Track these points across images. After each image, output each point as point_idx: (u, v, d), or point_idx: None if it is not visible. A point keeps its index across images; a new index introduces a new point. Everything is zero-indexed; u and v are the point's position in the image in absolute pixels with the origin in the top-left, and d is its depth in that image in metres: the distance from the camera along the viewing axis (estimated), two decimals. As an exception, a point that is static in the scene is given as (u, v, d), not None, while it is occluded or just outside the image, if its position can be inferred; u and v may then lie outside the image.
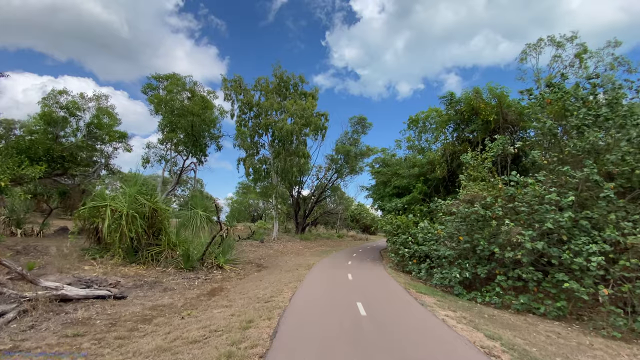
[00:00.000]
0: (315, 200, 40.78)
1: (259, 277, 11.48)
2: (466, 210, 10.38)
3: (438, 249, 11.66)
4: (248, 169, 27.03)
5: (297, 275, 10.92)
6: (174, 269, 12.33)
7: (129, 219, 11.62)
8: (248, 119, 28.47)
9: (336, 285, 9.43)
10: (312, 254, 20.73)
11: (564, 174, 10.37)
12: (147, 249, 12.89)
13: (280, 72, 29.24)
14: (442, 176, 17.48)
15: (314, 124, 28.13)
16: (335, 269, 13.13)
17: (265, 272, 13.06)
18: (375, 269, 13.79)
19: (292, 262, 16.19)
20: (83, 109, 20.02)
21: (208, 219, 12.01)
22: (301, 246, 27.13)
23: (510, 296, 9.47)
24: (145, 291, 9.34)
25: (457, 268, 10.60)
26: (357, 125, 38.35)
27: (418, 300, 8.26)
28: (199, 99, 19.43)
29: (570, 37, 22.41)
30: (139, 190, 12.44)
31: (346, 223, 56.83)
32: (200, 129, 20.42)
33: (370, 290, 9.06)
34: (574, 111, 11.56)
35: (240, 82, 28.25)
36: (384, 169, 21.24)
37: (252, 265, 15.21)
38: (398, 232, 15.20)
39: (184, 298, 8.70)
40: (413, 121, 22.59)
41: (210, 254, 13.86)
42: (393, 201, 18.18)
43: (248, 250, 21.18)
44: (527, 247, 8.91)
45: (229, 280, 11.38)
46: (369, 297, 7.96)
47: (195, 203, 12.01)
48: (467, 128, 16.23)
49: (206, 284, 10.71)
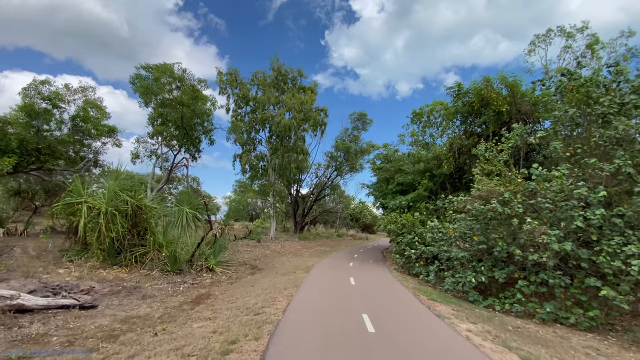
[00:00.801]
0: (314, 198, 39.69)
1: (252, 281, 10.40)
2: (482, 208, 9.31)
3: (449, 250, 10.59)
4: (244, 166, 25.92)
5: (294, 279, 9.85)
6: (160, 272, 11.26)
7: (108, 217, 10.52)
8: (244, 114, 27.36)
9: (337, 291, 8.36)
10: (311, 255, 19.66)
11: (590, 167, 9.34)
12: (130, 250, 11.83)
13: (278, 66, 28.10)
14: (449, 172, 16.41)
15: (313, 118, 27.01)
16: (336, 271, 12.06)
17: (260, 275, 11.98)
18: (379, 271, 12.73)
19: (290, 263, 15.12)
20: (68, 100, 18.86)
21: (196, 218, 10.91)
22: (300, 246, 26.06)
23: (533, 303, 8.42)
24: (122, 298, 8.26)
25: (471, 271, 9.55)
26: (358, 121, 37.21)
27: (432, 310, 7.20)
28: (188, 88, 18.27)
29: (581, 28, 21.41)
30: (120, 185, 11.33)
31: (346, 222, 55.78)
32: (191, 121, 19.18)
33: (376, 297, 7.99)
34: (599, 98, 10.53)
35: (236, 75, 27.10)
36: (386, 164, 20.17)
37: (246, 267, 14.14)
38: (403, 231, 14.14)
39: (164, 307, 7.62)
40: (417, 115, 21.53)
41: (200, 256, 12.78)
42: (397, 199, 17.11)
43: (243, 251, 20.11)
44: (553, 249, 7.86)
45: (218, 284, 10.30)
46: (376, 307, 6.90)
47: (182, 200, 10.90)
48: (477, 120, 15.15)
49: (192, 289, 9.62)
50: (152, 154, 20.96)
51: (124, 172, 13.08)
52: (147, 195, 18.78)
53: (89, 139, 21.60)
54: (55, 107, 18.04)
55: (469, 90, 16.40)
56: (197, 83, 18.63)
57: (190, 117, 18.73)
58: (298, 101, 24.69)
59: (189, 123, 19.03)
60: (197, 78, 19.20)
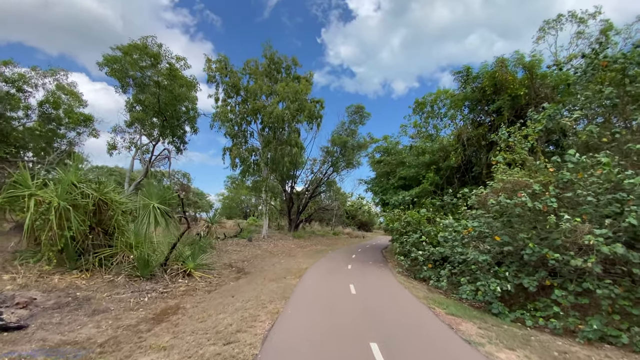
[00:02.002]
0: (310, 195, 38.05)
1: (234, 289, 8.78)
2: (507, 202, 7.78)
3: (464, 252, 9.07)
4: (234, 160, 24.19)
5: (283, 287, 8.24)
6: (127, 277, 9.61)
7: (62, 213, 8.81)
8: (235, 104, 25.60)
9: (336, 305, 6.77)
10: (305, 255, 18.08)
11: (636, 154, 7.88)
12: (94, 252, 10.16)
13: (271, 53, 26.38)
14: (457, 164, 14.90)
15: (308, 109, 25.35)
16: (333, 276, 10.49)
17: (245, 280, 10.36)
18: (382, 275, 11.18)
19: (281, 265, 13.52)
20: (35, 84, 16.97)
21: (166, 214, 9.22)
22: (293, 245, 24.47)
23: (574, 318, 6.93)
24: (65, 314, 6.59)
25: (493, 278, 8.04)
26: (355, 114, 35.51)
27: (456, 330, 5.66)
28: (165, 67, 16.31)
29: (593, 13, 20.06)
30: (78, 177, 9.62)
31: (342, 220, 54.27)
32: (170, 107, 17.28)
33: (384, 314, 6.42)
34: (637, 77, 9.08)
35: (226, 62, 25.31)
36: (387, 157, 18.60)
37: (230, 271, 12.50)
38: (407, 230, 12.61)
39: (114, 327, 5.97)
40: (419, 104, 19.98)
41: (176, 258, 11.13)
42: (399, 194, 15.57)
43: (232, 251, 18.47)
44: (603, 252, 6.36)
45: (193, 293, 8.66)
46: (386, 330, 5.33)
47: (149, 193, 9.21)
48: (489, 107, 13.62)
49: (160, 300, 7.98)
50: (132, 144, 19.16)
51: (105, 168, 11.35)
52: (124, 189, 17.04)
53: (63, 129, 19.75)
54: (20, 91, 16.15)
55: (478, 75, 14.88)
56: (176, 61, 16.71)
57: (169, 101, 16.85)
58: (292, 90, 23.00)
59: (169, 109, 17.15)
60: (176, 55, 17.55)
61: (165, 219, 9.01)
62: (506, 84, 12.95)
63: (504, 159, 9.48)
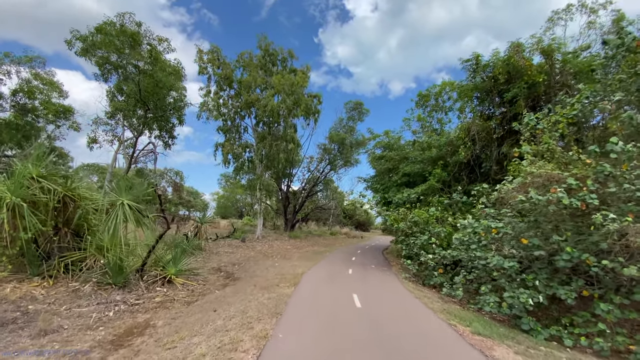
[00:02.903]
0: (306, 194, 36.84)
1: (218, 301, 7.54)
2: (539, 199, 6.62)
3: (484, 257, 7.91)
4: (226, 156, 22.88)
5: (276, 299, 7.03)
6: (96, 285, 8.36)
7: (16, 210, 7.53)
8: (227, 98, 24.28)
9: (338, 324, 5.57)
10: (302, 257, 16.86)
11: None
12: (62, 256, 8.90)
13: (266, 44, 25.11)
14: (467, 159, 13.77)
15: (305, 103, 24.10)
16: (333, 283, 9.28)
17: (232, 289, 9.12)
18: (388, 282, 10.01)
19: (275, 270, 12.30)
20: (8, 71, 15.58)
21: (138, 212, 7.94)
22: (289, 245, 23.23)
23: (623, 337, 5.79)
24: (4, 336, 5.32)
25: (522, 288, 6.89)
26: (353, 111, 34.35)
27: (489, 356, 4.49)
28: (145, 50, 14.86)
29: (604, 3, 19.11)
30: (39, 170, 8.32)
31: (339, 219, 53.11)
32: (154, 95, 15.82)
33: (399, 336, 5.22)
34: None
35: (218, 53, 23.96)
36: (390, 153, 17.42)
37: (218, 276, 11.25)
38: (414, 231, 11.45)
39: (57, 356, 4.72)
40: (423, 97, 18.83)
41: (155, 263, 9.87)
42: (404, 192, 14.39)
43: (223, 253, 17.21)
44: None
45: (169, 305, 7.42)
46: (401, 357, 4.14)
47: (119, 188, 7.92)
48: (505, 95, 12.46)
49: (127, 314, 6.73)
50: (115, 138, 17.77)
51: (96, 166, 9.99)
52: (103, 187, 15.71)
53: (42, 122, 18.34)
54: (-11, 79, 14.78)
55: (489, 63, 13.76)
56: (158, 43, 15.23)
57: (152, 89, 15.41)
58: (288, 82, 21.73)
59: (152, 97, 15.74)
60: (157, 36, 15.86)
61: (137, 218, 7.74)
62: (522, 70, 11.83)
63: (527, 149, 8.31)
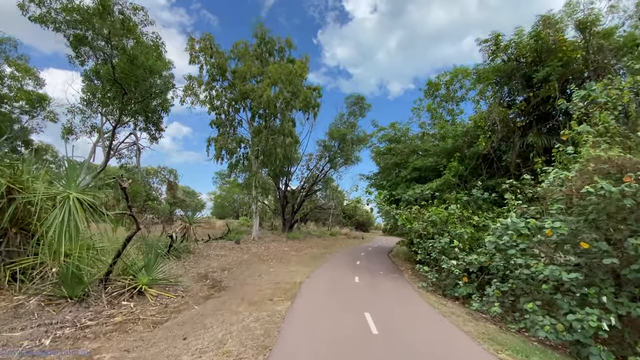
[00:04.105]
0: (305, 193, 35.22)
1: (192, 323, 5.90)
2: (612, 190, 5.03)
3: (526, 264, 6.32)
4: (219, 151, 21.25)
5: (266, 320, 5.41)
6: (47, 299, 6.78)
7: None
8: (221, 89, 22.65)
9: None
10: (301, 261, 15.24)
11: None
12: (10, 262, 7.32)
13: (262, 32, 23.52)
14: (487, 151, 12.20)
15: (304, 95, 22.52)
16: (338, 297, 7.67)
17: (215, 303, 7.49)
18: (403, 293, 8.40)
19: (269, 277, 10.68)
20: (-29, 55, 13.90)
21: (92, 209, 6.29)
22: (287, 247, 21.58)
23: None
24: None
25: (587, 307, 5.29)
26: (354, 106, 32.76)
27: None
28: (117, 20, 12.87)
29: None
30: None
31: (339, 219, 51.50)
32: (131, 74, 13.90)
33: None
34: None
35: (211, 42, 22.31)
36: (397, 145, 15.82)
37: (203, 285, 9.62)
38: (431, 232, 9.86)
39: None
40: (433, 86, 17.23)
41: (124, 271, 8.22)
42: (415, 188, 12.79)
43: (213, 256, 15.58)
44: None
45: (130, 328, 5.77)
46: None
47: (68, 178, 6.24)
48: (535, 75, 10.85)
49: (70, 342, 5.08)
50: (93, 129, 16.07)
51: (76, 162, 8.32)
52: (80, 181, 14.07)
53: (17, 113, 16.64)
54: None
55: (510, 43, 12.20)
56: (132, 13, 13.30)
57: (128, 68, 13.63)
58: (285, 71, 20.13)
59: (130, 80, 13.96)
60: (132, 4, 13.44)
61: (89, 217, 6.10)
62: (554, 47, 10.27)
63: (577, 132, 6.72)
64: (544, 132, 11.34)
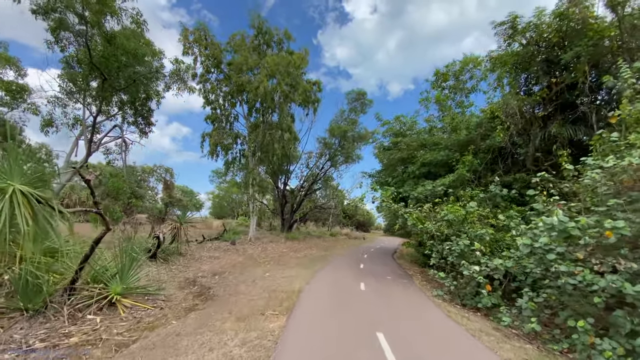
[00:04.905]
0: (305, 193, 34.12)
1: (164, 346, 4.78)
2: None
3: (569, 271, 5.21)
4: (214, 147, 20.15)
5: (255, 345, 4.31)
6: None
7: None
8: (216, 82, 21.54)
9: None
10: (300, 264, 14.13)
11: None
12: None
13: (260, 22, 22.37)
14: (504, 143, 11.10)
15: (303, 88, 21.42)
16: (343, 308, 6.56)
17: (197, 318, 6.36)
18: (417, 304, 7.30)
19: (264, 283, 9.57)
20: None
21: (38, 203, 5.15)
22: (286, 248, 20.47)
23: None
24: None
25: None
26: (355, 102, 31.62)
27: None
28: None
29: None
30: None
31: (339, 219, 50.41)
32: (110, 57, 12.58)
33: None
34: None
35: (206, 32, 21.21)
36: (404, 139, 14.71)
37: (188, 293, 8.49)
38: (446, 233, 8.75)
39: None
40: (441, 76, 16.12)
41: (95, 278, 7.09)
42: (425, 184, 11.68)
43: (206, 258, 14.47)
44: None
45: (84, 354, 4.65)
46: None
47: (10, 168, 5.12)
48: (562, 58, 9.72)
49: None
50: (76, 121, 14.91)
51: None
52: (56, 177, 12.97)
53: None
54: None
55: (529, 25, 11.10)
56: None
57: (106, 51, 12.37)
58: (284, 62, 19.02)
59: (109, 64, 12.72)
60: None
61: (36, 213, 4.99)
62: (583, 26, 9.17)
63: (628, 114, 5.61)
64: (569, 122, 10.24)
